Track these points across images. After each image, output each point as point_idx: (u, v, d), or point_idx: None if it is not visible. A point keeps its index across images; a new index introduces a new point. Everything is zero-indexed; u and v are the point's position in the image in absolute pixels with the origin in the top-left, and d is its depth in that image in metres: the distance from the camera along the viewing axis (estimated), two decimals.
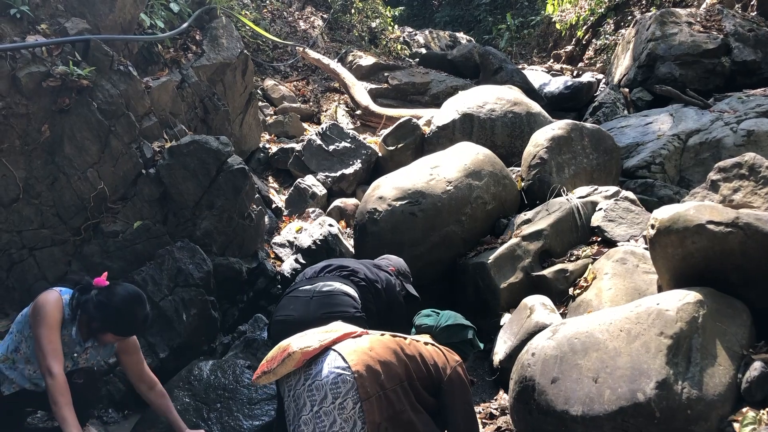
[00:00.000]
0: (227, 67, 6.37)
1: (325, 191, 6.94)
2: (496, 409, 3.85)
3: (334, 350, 2.74)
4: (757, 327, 3.03)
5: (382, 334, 2.92)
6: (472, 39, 15.09)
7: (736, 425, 2.67)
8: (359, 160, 7.20)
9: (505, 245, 4.60)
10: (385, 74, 10.35)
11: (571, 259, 4.45)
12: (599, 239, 4.51)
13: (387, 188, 5.03)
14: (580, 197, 4.81)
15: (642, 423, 2.77)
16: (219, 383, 4.11)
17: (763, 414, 2.65)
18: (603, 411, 2.86)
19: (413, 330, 3.27)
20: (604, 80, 10.55)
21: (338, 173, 7.12)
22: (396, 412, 2.65)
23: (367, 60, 10.59)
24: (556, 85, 10.48)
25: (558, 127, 5.49)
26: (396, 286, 3.87)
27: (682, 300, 2.98)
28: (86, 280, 3.27)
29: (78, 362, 3.26)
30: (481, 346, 3.32)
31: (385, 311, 3.72)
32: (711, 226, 3.02)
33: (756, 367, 2.76)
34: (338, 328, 2.94)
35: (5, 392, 3.18)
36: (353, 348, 2.76)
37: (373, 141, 7.66)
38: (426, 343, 3.00)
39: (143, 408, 4.12)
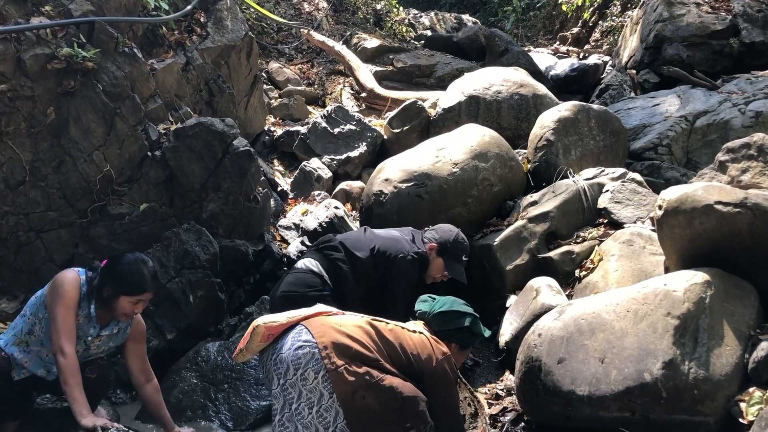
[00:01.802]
0: (232, 49, 6.34)
1: (330, 174, 6.93)
2: (502, 389, 3.86)
3: (302, 325, 2.78)
4: (765, 308, 3.02)
5: (362, 317, 2.92)
6: (478, 21, 14.98)
7: (742, 405, 2.68)
8: (364, 143, 7.18)
9: (512, 227, 4.59)
10: (390, 57, 10.28)
11: (578, 240, 4.44)
12: (606, 221, 4.50)
13: (393, 170, 5.02)
14: (586, 179, 4.79)
15: (649, 403, 2.78)
16: (226, 364, 4.15)
17: None
18: (609, 391, 2.87)
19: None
20: (610, 62, 10.45)
21: (343, 156, 7.10)
22: (374, 379, 2.66)
23: (372, 42, 10.53)
24: (562, 67, 10.37)
25: (565, 108, 5.46)
26: (402, 267, 3.74)
27: (689, 281, 2.98)
28: (96, 263, 3.31)
29: (90, 347, 3.28)
30: (486, 333, 3.25)
31: (380, 288, 3.71)
32: (719, 207, 3.00)
33: (763, 348, 2.76)
34: (315, 308, 2.96)
35: (16, 377, 3.21)
36: (321, 323, 2.80)
37: (378, 124, 7.64)
38: (414, 332, 2.97)
39: None
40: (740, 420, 2.65)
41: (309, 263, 3.74)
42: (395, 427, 2.71)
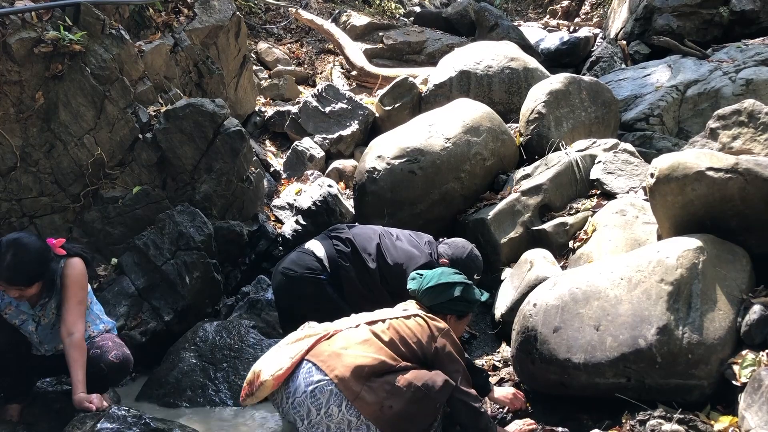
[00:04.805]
0: (220, 29, 6.29)
1: (323, 153, 6.92)
2: (499, 361, 3.89)
3: (309, 361, 2.78)
4: (757, 272, 3.04)
5: (357, 326, 2.91)
6: None
7: (735, 367, 2.71)
8: (356, 121, 7.16)
9: (505, 201, 4.60)
10: (380, 34, 10.23)
11: (571, 212, 4.46)
12: (599, 192, 4.51)
13: (385, 147, 5.01)
14: (578, 150, 4.79)
15: (644, 368, 2.81)
16: (225, 343, 4.16)
17: (762, 356, 2.68)
18: (605, 358, 2.89)
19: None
20: (601, 35, 10.42)
21: (336, 135, 7.09)
22: (392, 385, 2.71)
23: (361, 20, 10.46)
24: (552, 40, 10.33)
25: (556, 80, 5.44)
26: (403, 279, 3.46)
27: (682, 247, 2.99)
28: None
29: (40, 322, 3.23)
30: (483, 297, 3.22)
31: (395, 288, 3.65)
32: (711, 173, 3.01)
33: (755, 311, 2.78)
34: (310, 332, 2.94)
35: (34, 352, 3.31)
36: (327, 353, 2.78)
37: (369, 101, 7.61)
38: (409, 317, 2.97)
39: (150, 369, 4.18)
40: (733, 382, 2.68)
41: (314, 246, 3.81)
42: (430, 413, 2.77)
